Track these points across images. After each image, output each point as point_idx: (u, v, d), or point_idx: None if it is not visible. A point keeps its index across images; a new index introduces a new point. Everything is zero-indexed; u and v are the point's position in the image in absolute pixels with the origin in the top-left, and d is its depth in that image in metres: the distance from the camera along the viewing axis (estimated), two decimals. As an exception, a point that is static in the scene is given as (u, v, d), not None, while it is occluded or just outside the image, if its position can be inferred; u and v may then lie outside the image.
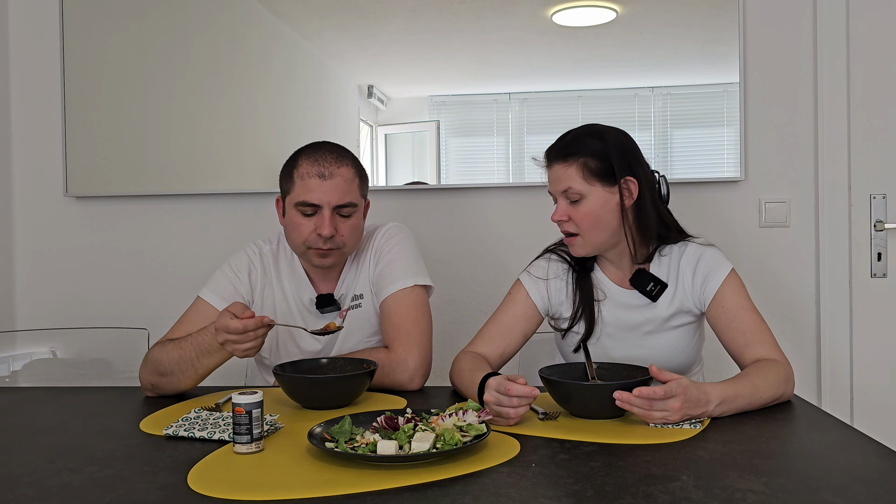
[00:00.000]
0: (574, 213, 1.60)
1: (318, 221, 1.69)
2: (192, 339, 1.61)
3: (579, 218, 1.60)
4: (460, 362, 1.62)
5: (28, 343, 2.54)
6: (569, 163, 1.60)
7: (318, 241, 1.69)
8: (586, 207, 1.59)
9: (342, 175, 1.70)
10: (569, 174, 1.60)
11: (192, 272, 2.56)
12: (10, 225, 2.71)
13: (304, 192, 1.68)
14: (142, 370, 1.68)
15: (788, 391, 1.50)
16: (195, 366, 1.61)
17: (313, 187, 1.68)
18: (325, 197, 1.68)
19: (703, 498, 1.00)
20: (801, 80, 2.40)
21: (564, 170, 1.60)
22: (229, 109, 2.60)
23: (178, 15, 2.61)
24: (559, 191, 1.62)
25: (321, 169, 1.69)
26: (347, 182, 1.70)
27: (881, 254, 2.39)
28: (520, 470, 1.12)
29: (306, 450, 1.22)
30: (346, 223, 1.71)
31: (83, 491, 1.08)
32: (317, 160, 1.70)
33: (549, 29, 2.47)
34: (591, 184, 1.59)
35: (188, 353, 1.61)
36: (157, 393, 1.67)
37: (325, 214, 1.68)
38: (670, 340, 1.67)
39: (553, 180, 1.63)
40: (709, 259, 1.64)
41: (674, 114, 2.50)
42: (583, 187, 1.59)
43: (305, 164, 1.70)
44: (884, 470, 1.13)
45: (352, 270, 1.82)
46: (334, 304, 1.79)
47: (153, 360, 1.65)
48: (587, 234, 1.61)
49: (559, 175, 1.61)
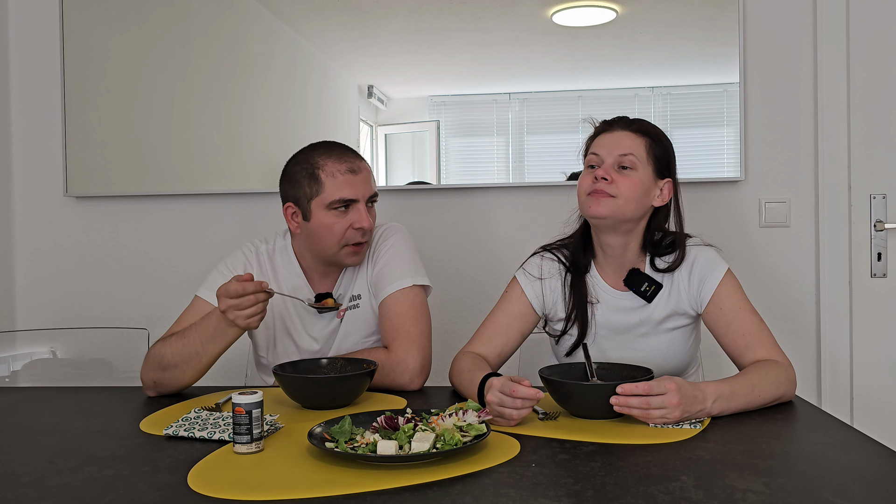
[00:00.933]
0: (622, 178, 1.59)
1: (353, 216, 1.70)
2: (195, 326, 1.62)
3: (627, 184, 1.59)
4: (459, 362, 1.62)
5: (28, 343, 2.54)
6: (638, 135, 1.62)
7: (356, 236, 1.71)
8: (636, 177, 1.60)
9: (366, 168, 1.76)
10: (636, 143, 1.61)
11: (192, 272, 2.55)
12: (10, 225, 2.71)
13: (339, 189, 1.70)
14: (143, 369, 1.67)
15: (789, 392, 1.50)
16: (199, 354, 1.60)
17: (348, 182, 1.70)
18: (361, 190, 1.71)
19: (703, 498, 1.00)
20: (801, 80, 2.40)
21: (633, 138, 1.62)
22: (229, 110, 2.60)
23: (179, 15, 2.61)
24: (616, 154, 1.61)
25: (350, 165, 1.72)
26: (371, 174, 1.77)
27: (881, 254, 2.39)
28: (520, 470, 1.12)
29: (306, 450, 1.22)
30: (372, 214, 1.75)
31: (83, 491, 1.08)
32: (340, 158, 1.72)
33: (549, 29, 2.47)
34: (648, 162, 1.61)
35: (192, 341, 1.60)
36: (158, 391, 1.66)
37: (361, 207, 1.71)
38: (665, 343, 1.67)
39: (611, 144, 1.62)
40: (704, 260, 1.63)
41: (674, 114, 2.50)
42: (643, 160, 1.61)
43: (331, 162, 1.71)
44: (884, 470, 1.13)
45: (350, 270, 1.82)
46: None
47: (155, 356, 1.65)
48: (624, 200, 1.58)
49: (623, 140, 1.62)
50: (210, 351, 1.61)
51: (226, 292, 1.51)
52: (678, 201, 1.69)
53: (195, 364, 1.62)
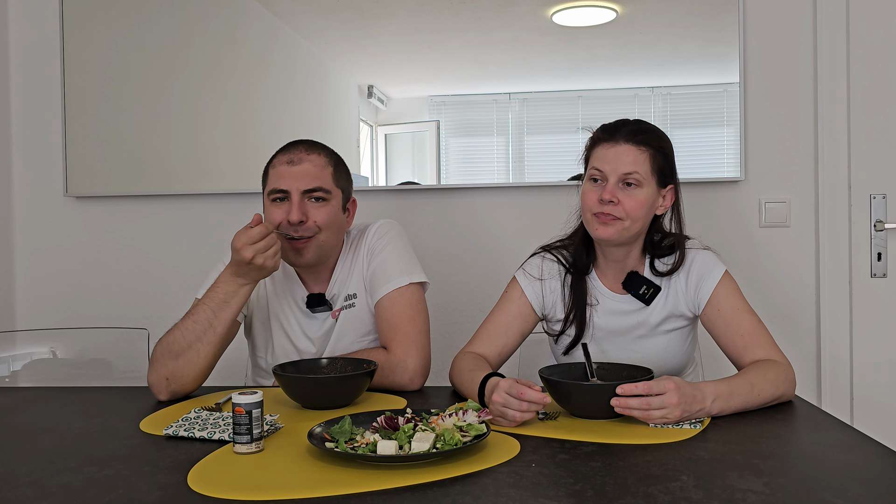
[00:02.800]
0: (627, 198, 1.56)
1: (287, 208, 1.69)
2: (202, 301, 1.62)
3: (633, 205, 1.56)
4: (460, 362, 1.62)
5: (28, 343, 2.54)
6: (642, 149, 1.58)
7: (290, 229, 1.68)
8: (641, 196, 1.57)
9: (311, 161, 1.71)
10: (640, 159, 1.57)
11: (192, 272, 2.55)
12: (10, 225, 2.71)
13: (274, 180, 1.71)
14: (151, 371, 1.61)
15: (789, 391, 1.50)
16: (213, 324, 1.59)
17: (282, 173, 1.70)
18: (294, 182, 1.69)
19: (703, 498, 1.00)
20: (801, 80, 2.40)
21: (637, 153, 1.57)
22: (229, 109, 2.60)
23: (179, 15, 2.61)
24: (620, 171, 1.57)
25: (291, 157, 1.72)
26: (318, 168, 1.71)
27: (881, 254, 2.39)
28: (520, 470, 1.12)
29: (306, 450, 1.22)
30: (319, 210, 1.69)
31: (83, 491, 1.08)
32: (287, 150, 1.74)
33: (549, 29, 2.47)
34: (652, 176, 1.59)
35: (202, 315, 1.60)
36: (172, 390, 1.60)
37: (293, 199, 1.68)
38: (662, 344, 1.67)
39: (615, 160, 1.57)
40: (702, 262, 1.63)
41: (674, 114, 2.50)
42: (647, 177, 1.58)
43: (278, 156, 1.75)
44: (884, 470, 1.13)
45: (344, 269, 1.81)
46: (325, 303, 1.77)
47: (164, 347, 1.61)
48: (632, 221, 1.58)
49: (628, 156, 1.57)
50: (223, 319, 1.60)
51: (250, 238, 1.54)
52: (678, 203, 1.68)
53: (210, 338, 1.59)
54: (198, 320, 1.60)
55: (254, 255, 1.54)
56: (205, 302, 1.61)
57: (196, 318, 1.61)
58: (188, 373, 1.60)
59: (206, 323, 1.60)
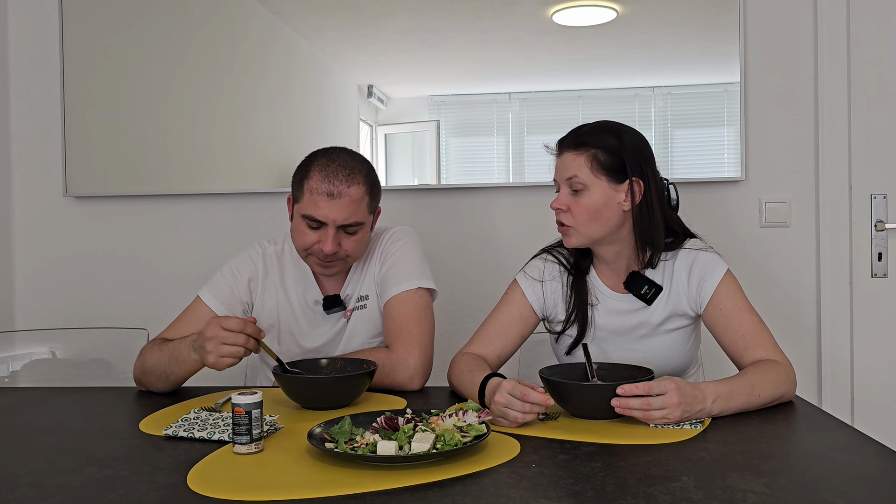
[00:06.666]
0: (574, 204, 1.60)
1: (321, 236, 1.68)
2: (174, 343, 1.64)
3: (578, 210, 1.59)
4: (459, 363, 1.62)
5: (28, 343, 2.54)
6: (579, 152, 1.60)
7: (320, 254, 1.70)
8: (587, 200, 1.59)
9: (350, 195, 1.66)
10: (577, 163, 1.59)
11: (192, 272, 2.56)
12: (9, 225, 2.70)
13: (311, 207, 1.67)
14: (135, 363, 1.72)
15: (789, 392, 1.50)
16: (167, 372, 1.64)
17: (320, 204, 1.66)
18: (331, 215, 1.66)
19: (703, 498, 1.00)
20: (801, 80, 2.40)
21: (574, 158, 1.60)
22: (229, 109, 2.59)
23: (178, 15, 2.61)
24: (564, 178, 1.62)
25: (330, 187, 1.65)
26: (355, 202, 1.68)
27: (882, 254, 2.39)
28: (520, 470, 1.12)
29: (306, 450, 1.22)
30: (351, 239, 1.71)
31: (83, 491, 1.07)
32: (327, 176, 1.66)
33: (549, 29, 2.47)
34: (597, 176, 1.58)
35: (164, 357, 1.64)
36: (142, 388, 1.72)
37: (329, 232, 1.67)
38: (664, 344, 1.67)
39: (560, 168, 1.63)
40: (704, 261, 1.63)
41: (674, 114, 2.49)
42: (588, 179, 1.58)
43: (316, 177, 1.67)
44: (884, 470, 1.13)
45: (358, 271, 1.82)
46: (340, 304, 1.79)
47: (142, 356, 1.70)
48: (581, 226, 1.60)
49: (567, 163, 1.61)
50: (174, 372, 1.63)
51: (222, 322, 1.48)
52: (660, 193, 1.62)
53: (164, 380, 1.66)
54: (160, 360, 1.65)
55: (213, 336, 1.47)
56: (172, 346, 1.63)
57: (161, 356, 1.65)
58: (151, 388, 1.70)
59: (163, 367, 1.64)
